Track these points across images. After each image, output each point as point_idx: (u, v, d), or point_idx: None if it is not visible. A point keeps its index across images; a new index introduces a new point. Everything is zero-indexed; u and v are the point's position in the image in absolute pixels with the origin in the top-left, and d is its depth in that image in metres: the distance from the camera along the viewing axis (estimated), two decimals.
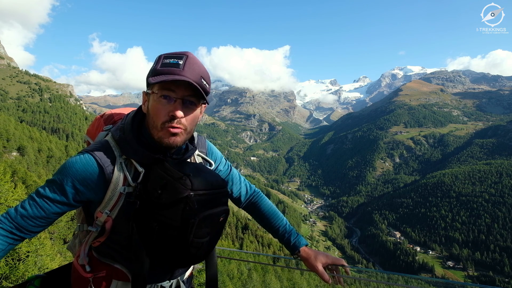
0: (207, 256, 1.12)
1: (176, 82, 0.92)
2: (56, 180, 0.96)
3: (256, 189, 1.46)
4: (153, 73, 0.94)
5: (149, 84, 0.97)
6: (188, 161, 1.10)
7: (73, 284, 1.13)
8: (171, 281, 1.15)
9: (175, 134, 0.96)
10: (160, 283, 1.12)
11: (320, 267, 1.27)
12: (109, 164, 0.99)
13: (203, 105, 1.05)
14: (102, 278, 1.05)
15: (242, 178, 1.41)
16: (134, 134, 1.01)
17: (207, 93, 0.99)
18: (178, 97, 0.94)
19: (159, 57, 0.97)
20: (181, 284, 1.19)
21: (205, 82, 0.98)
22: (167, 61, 0.94)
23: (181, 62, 0.93)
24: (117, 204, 0.99)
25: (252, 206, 1.42)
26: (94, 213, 1.03)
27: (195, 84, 0.92)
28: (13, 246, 0.94)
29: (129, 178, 0.99)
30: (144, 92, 1.04)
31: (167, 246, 0.93)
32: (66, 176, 0.95)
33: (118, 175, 0.98)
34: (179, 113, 0.94)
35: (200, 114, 1.05)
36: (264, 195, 1.46)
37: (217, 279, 1.21)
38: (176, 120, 0.95)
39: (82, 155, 0.98)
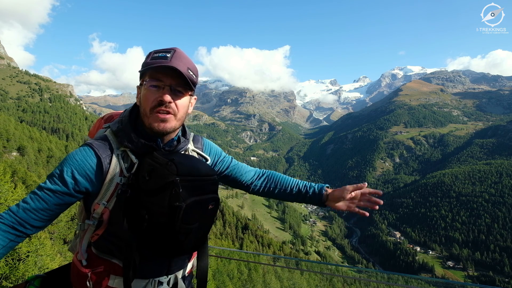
0: (199, 246, 1.13)
1: (163, 71, 1.00)
2: (57, 171, 1.00)
3: (265, 170, 1.48)
4: (143, 66, 1.04)
5: (140, 77, 1.07)
6: (178, 152, 1.13)
7: (73, 280, 1.14)
8: (169, 276, 1.15)
9: (164, 120, 1.02)
10: (158, 278, 1.11)
11: (348, 186, 1.27)
12: (107, 156, 1.03)
13: (193, 98, 1.12)
14: (100, 273, 1.06)
15: (248, 166, 1.46)
16: (131, 124, 1.08)
17: (194, 83, 1.06)
18: (166, 85, 1.01)
19: (150, 53, 1.05)
20: (179, 280, 1.19)
21: (191, 73, 1.04)
22: (156, 55, 1.02)
23: (168, 55, 1.00)
24: (114, 194, 1.02)
25: (267, 188, 1.43)
26: (92, 206, 1.05)
27: (179, 70, 0.98)
28: (14, 243, 0.95)
29: (124, 169, 1.03)
30: (137, 86, 1.11)
31: (157, 234, 0.95)
32: (66, 167, 0.99)
33: (115, 166, 1.03)
34: (167, 97, 1.00)
35: (190, 105, 1.12)
36: (276, 172, 1.46)
37: (207, 271, 1.23)
38: (164, 105, 1.00)
39: (82, 148, 1.04)
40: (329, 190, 1.33)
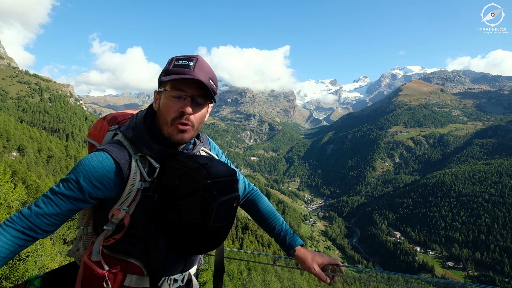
0: (223, 241, 1.15)
1: (186, 82, 1.00)
2: (72, 177, 0.98)
3: (255, 187, 1.50)
4: (165, 73, 1.02)
5: (161, 83, 1.05)
6: (198, 154, 1.17)
7: (85, 282, 1.12)
8: (183, 274, 1.18)
9: (183, 131, 1.03)
10: (173, 276, 1.14)
11: (316, 268, 1.28)
12: (125, 161, 1.02)
13: (210, 105, 1.13)
14: (117, 274, 1.07)
15: (241, 176, 1.44)
16: (147, 132, 1.07)
17: (214, 93, 1.07)
18: (188, 95, 1.01)
19: (171, 59, 1.05)
20: (193, 277, 1.23)
21: (212, 83, 1.05)
22: (179, 62, 1.01)
23: (191, 64, 1.00)
24: (135, 200, 1.02)
25: (250, 203, 1.46)
26: (110, 211, 1.04)
27: (203, 82, 0.99)
28: (23, 248, 0.94)
29: (145, 174, 1.03)
30: (155, 91, 1.10)
31: (187, 234, 0.98)
32: (82, 173, 0.97)
33: (135, 172, 1.02)
34: (188, 109, 1.00)
35: (207, 113, 1.14)
36: (262, 194, 1.49)
37: (224, 265, 1.29)
38: (185, 117, 1.01)
39: (97, 153, 1.01)
40: (301, 252, 1.33)
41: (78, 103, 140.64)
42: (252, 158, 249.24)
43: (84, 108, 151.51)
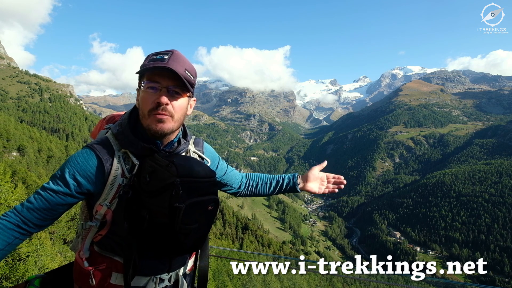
0: (199, 246, 1.13)
1: (161, 74, 1.00)
2: (59, 173, 1.03)
3: (248, 174, 1.56)
4: (141, 68, 1.05)
5: (139, 79, 1.08)
6: (178, 154, 1.14)
7: (75, 278, 1.15)
8: (170, 273, 1.16)
9: (161, 121, 1.02)
10: (159, 276, 1.13)
11: (316, 173, 1.56)
12: (108, 158, 1.04)
13: (192, 99, 1.13)
14: (102, 271, 1.08)
15: (239, 172, 1.53)
16: (130, 127, 1.08)
17: (191, 84, 1.06)
18: (163, 86, 1.01)
19: (148, 55, 1.07)
20: (180, 278, 1.20)
21: (189, 74, 1.04)
22: (154, 57, 1.03)
23: (166, 57, 1.01)
24: (116, 195, 1.04)
25: (250, 186, 1.52)
26: (94, 207, 1.07)
27: (176, 71, 0.98)
28: (19, 241, 0.98)
29: (126, 171, 1.04)
30: (137, 89, 1.11)
31: (157, 234, 0.96)
32: (68, 169, 1.02)
33: (116, 168, 1.04)
34: (164, 99, 1.00)
35: (190, 107, 1.13)
36: (253, 173, 1.57)
37: (208, 271, 1.26)
38: (161, 107, 1.00)
39: (83, 149, 1.06)
40: (299, 179, 1.50)
41: (78, 103, 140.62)
42: (252, 158, 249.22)
43: (84, 108, 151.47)
